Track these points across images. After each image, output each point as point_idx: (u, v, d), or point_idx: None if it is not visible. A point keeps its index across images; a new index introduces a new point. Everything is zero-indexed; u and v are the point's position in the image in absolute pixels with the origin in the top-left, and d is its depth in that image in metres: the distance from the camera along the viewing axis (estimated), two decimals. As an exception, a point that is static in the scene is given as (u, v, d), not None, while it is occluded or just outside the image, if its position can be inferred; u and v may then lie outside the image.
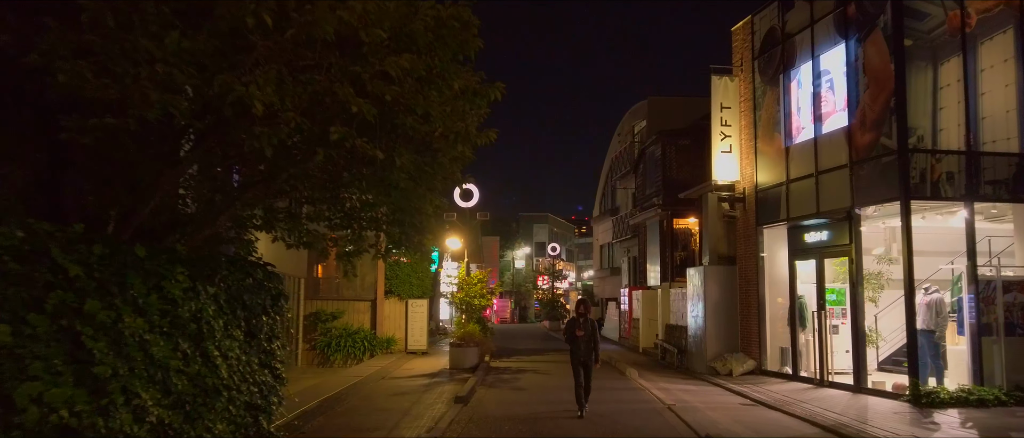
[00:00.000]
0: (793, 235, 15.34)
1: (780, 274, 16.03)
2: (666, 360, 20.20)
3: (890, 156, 12.39)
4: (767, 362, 16.05)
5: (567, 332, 11.56)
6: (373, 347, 21.47)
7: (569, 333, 11.47)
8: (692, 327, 18.19)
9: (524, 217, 68.50)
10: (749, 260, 16.79)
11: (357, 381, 15.65)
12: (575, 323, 11.45)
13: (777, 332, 16.11)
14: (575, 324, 11.43)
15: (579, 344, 11.26)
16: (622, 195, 35.34)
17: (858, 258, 13.29)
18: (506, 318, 57.78)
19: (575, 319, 11.52)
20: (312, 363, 21.28)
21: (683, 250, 25.87)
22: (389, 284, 22.66)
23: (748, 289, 16.76)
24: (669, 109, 29.58)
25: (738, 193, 17.19)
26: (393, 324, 22.70)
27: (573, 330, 11.36)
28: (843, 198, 13.50)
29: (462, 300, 20.16)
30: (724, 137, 17.21)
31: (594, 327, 11.42)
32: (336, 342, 21.07)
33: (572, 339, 11.36)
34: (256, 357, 8.07)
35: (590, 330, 11.32)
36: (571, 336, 11.38)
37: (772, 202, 15.96)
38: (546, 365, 19.67)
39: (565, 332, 11.72)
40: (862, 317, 13.23)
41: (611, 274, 37.51)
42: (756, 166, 16.61)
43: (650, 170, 27.34)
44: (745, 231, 17.00)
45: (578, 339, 11.25)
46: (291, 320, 20.35)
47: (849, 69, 13.50)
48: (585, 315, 11.54)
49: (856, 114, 13.25)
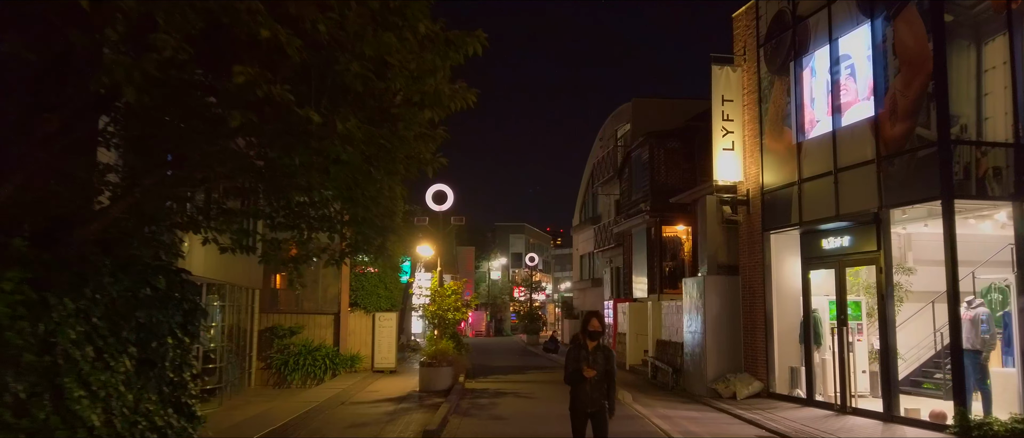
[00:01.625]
0: (807, 241, 13.66)
1: (789, 285, 14.34)
2: (658, 379, 18.43)
3: (928, 148, 10.75)
4: (775, 383, 14.32)
5: (569, 367, 7.21)
6: (336, 365, 19.46)
7: (571, 369, 7.16)
8: (689, 343, 16.44)
9: (500, 227, 66.62)
10: (754, 269, 15.08)
11: (313, 407, 13.65)
12: (580, 353, 7.15)
13: (786, 350, 14.40)
14: (581, 355, 7.13)
15: (585, 388, 7.07)
16: (604, 202, 33.65)
17: (887, 266, 11.63)
18: (481, 331, 55.75)
19: (580, 345, 7.21)
20: (267, 384, 19.22)
21: (672, 260, 24.18)
22: (354, 296, 20.65)
23: (753, 301, 15.05)
24: (655, 111, 27.95)
25: (741, 195, 15.50)
26: (358, 340, 20.67)
27: (578, 364, 7.09)
28: (868, 198, 11.84)
29: (434, 314, 18.21)
30: (726, 133, 15.53)
31: (610, 359, 7.21)
32: (294, 360, 19.04)
33: (575, 379, 7.13)
34: (155, 392, 6.10)
35: (604, 364, 7.11)
36: (575, 375, 7.11)
37: (781, 205, 14.28)
38: (528, 386, 17.77)
39: (566, 367, 7.27)
40: (892, 334, 11.56)
41: (592, 286, 35.75)
42: (762, 165, 14.94)
43: (636, 175, 25.66)
44: (749, 237, 15.31)
45: (586, 381, 7.05)
46: (243, 335, 18.33)
47: (875, 52, 11.87)
48: (598, 341, 7.23)
49: (885, 102, 11.61)
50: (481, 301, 55.80)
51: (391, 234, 9.58)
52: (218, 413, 13.77)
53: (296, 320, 20.00)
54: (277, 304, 20.65)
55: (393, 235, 9.74)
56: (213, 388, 15.14)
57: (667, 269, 23.88)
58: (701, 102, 27.26)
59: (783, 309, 14.49)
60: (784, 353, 14.41)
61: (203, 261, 12.77)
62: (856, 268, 13.02)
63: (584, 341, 7.20)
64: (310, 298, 20.86)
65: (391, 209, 8.31)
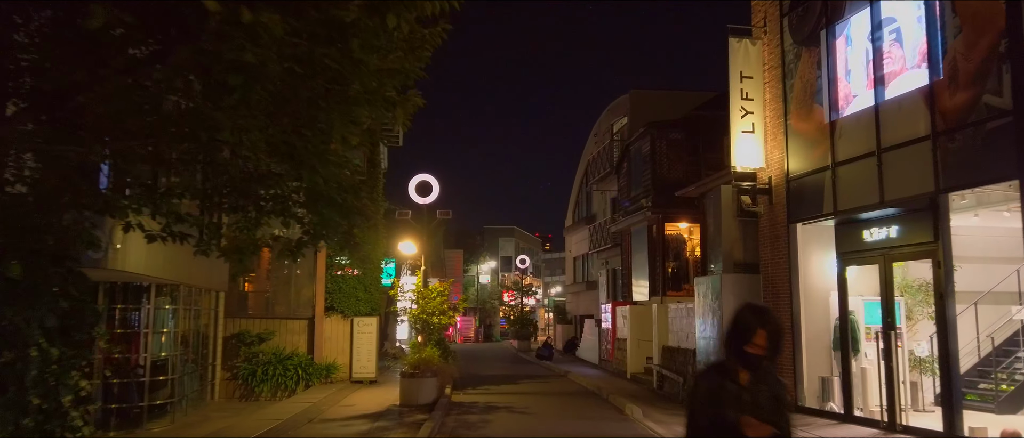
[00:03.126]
0: (844, 233, 11.96)
1: (820, 283, 12.65)
2: (665, 389, 16.70)
3: (1000, 119, 9.07)
4: (803, 396, 12.61)
5: (704, 414, 3.53)
6: (309, 376, 17.64)
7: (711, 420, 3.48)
8: (702, 350, 14.72)
9: (489, 230, 64.75)
10: (777, 266, 13.38)
11: (276, 425, 11.83)
12: (726, 387, 3.52)
13: (814, 357, 12.69)
14: (729, 392, 3.51)
15: None
16: (599, 201, 31.95)
17: (946, 259, 9.94)
18: (470, 337, 53.92)
19: (724, 373, 3.58)
20: (232, 396, 17.39)
21: (675, 260, 22.49)
22: (331, 299, 18.80)
23: (776, 302, 13.34)
24: (654, 104, 26.30)
25: (762, 183, 13.79)
26: (335, 347, 18.81)
27: (726, 411, 3.46)
28: (922, 181, 10.15)
29: (418, 317, 16.40)
30: (745, 113, 13.82)
31: (782, 400, 3.58)
32: (263, 370, 17.23)
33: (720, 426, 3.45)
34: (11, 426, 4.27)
35: (775, 409, 3.50)
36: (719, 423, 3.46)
37: (811, 192, 12.59)
38: (523, 399, 15.98)
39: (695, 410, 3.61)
40: (954, 338, 9.87)
41: (587, 289, 34.00)
42: (787, 149, 13.25)
43: (636, 169, 23.96)
44: (772, 230, 13.60)
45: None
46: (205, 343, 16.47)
47: (928, 12, 10.20)
48: (761, 367, 3.52)
49: (942, 69, 9.93)
50: (470, 306, 54.00)
51: (358, 217, 7.78)
52: (168, 432, 11.96)
53: (266, 325, 18.15)
54: (246, 308, 18.79)
55: (361, 218, 7.94)
56: (164, 404, 13.31)
57: (670, 269, 22.20)
58: (704, 94, 25.70)
59: (811, 311, 12.79)
60: (813, 361, 12.70)
61: (146, 257, 10.88)
62: (903, 263, 11.33)
63: (733, 367, 3.56)
64: (282, 301, 19.01)
65: (352, 183, 6.51)
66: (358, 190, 7.57)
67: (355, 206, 7.38)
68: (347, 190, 6.63)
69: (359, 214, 7.74)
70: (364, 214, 8.05)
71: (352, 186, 7.24)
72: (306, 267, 18.83)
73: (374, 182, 15.80)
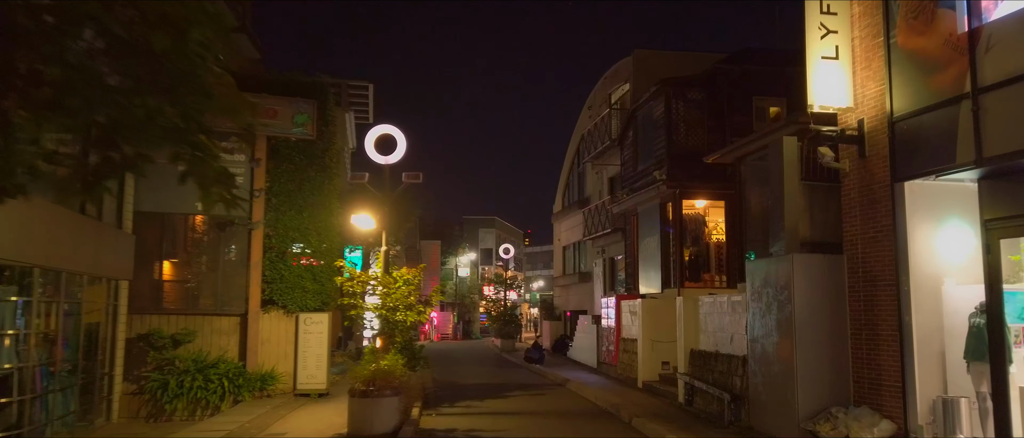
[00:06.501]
0: (998, 191, 8.26)
1: (929, 268, 8.98)
2: (697, 406, 12.96)
3: None
4: (916, 424, 8.90)
5: None
6: (239, 388, 13.71)
7: None
8: (757, 356, 10.98)
9: (469, 220, 60.76)
10: (874, 243, 9.66)
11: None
12: None
13: (928, 370, 9.01)
14: None
15: None
16: (594, 181, 28.18)
17: None
18: (447, 334, 50.04)
19: None
20: (137, 415, 13.47)
21: (693, 244, 18.78)
22: (270, 289, 14.81)
23: (873, 294, 9.63)
24: (662, 66, 22.40)
25: (849, 129, 10.06)
26: (275, 351, 14.84)
27: None
28: None
29: (376, 312, 12.49)
30: (826, 33, 10.06)
31: None
32: (177, 382, 13.33)
33: None
34: None
35: None
36: None
37: (931, 137, 8.86)
38: (517, 422, 12.16)
39: None
40: None
41: (579, 281, 30.21)
42: (890, 79, 9.51)
43: (646, 137, 20.18)
44: (865, 194, 9.87)
45: None
46: (98, 347, 12.52)
47: None
48: None
49: None
50: (448, 300, 50.05)
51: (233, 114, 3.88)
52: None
53: (185, 323, 14.17)
54: (160, 301, 14.74)
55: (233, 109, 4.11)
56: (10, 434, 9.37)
57: (688, 256, 18.49)
58: (719, 55, 22.01)
59: (926, 306, 9.09)
60: (927, 375, 9.01)
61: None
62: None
63: None
64: (208, 292, 14.99)
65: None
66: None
67: (226, 100, 3.58)
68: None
69: (232, 109, 3.89)
70: (239, 110, 4.15)
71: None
72: (241, 247, 14.84)
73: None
